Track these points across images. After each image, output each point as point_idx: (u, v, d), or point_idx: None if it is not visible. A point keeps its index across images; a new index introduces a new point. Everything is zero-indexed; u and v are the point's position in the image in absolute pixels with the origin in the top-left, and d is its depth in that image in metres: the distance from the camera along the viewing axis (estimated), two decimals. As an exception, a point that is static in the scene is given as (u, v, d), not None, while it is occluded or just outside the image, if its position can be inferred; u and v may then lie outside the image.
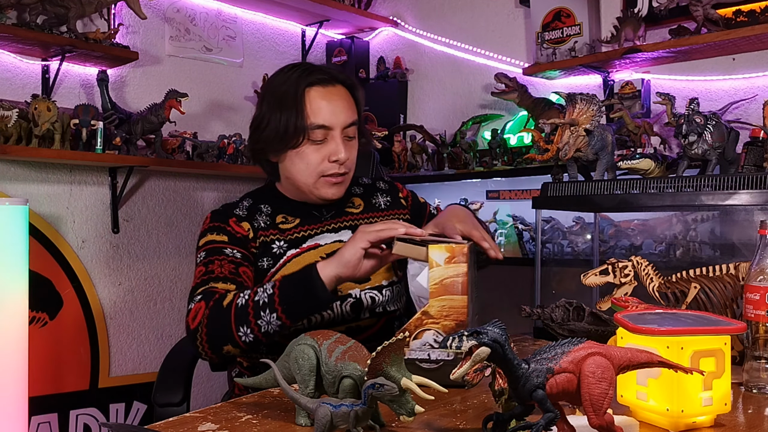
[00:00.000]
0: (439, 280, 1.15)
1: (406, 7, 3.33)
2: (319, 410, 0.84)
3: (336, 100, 1.52)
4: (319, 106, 1.50)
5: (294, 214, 1.59)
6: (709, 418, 0.96)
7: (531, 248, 2.75)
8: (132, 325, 2.75)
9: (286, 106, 1.50)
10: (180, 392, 1.59)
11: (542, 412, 0.78)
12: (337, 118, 1.51)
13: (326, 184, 1.54)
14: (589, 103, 1.72)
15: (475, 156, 2.86)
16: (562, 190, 1.78)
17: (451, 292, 1.15)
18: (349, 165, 1.55)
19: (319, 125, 1.49)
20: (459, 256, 1.16)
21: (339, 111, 1.51)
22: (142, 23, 2.75)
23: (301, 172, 1.53)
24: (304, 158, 1.51)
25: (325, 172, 1.52)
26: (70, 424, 2.53)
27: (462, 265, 1.15)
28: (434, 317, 1.15)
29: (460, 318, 1.14)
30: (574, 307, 1.57)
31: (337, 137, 1.51)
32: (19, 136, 2.27)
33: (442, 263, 1.16)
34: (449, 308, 1.15)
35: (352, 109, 1.55)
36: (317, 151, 1.51)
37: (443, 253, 1.16)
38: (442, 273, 1.15)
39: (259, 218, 1.57)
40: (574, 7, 2.65)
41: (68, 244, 2.57)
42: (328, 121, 1.50)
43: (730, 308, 1.34)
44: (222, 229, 1.53)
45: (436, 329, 1.15)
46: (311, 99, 1.50)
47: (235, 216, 1.56)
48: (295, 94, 1.50)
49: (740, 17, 2.27)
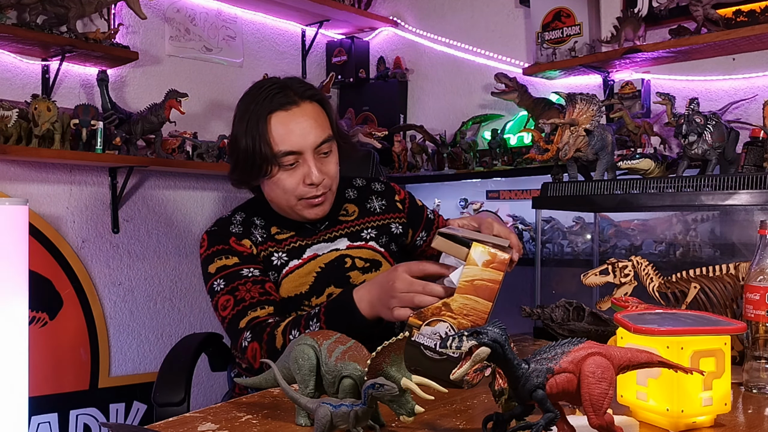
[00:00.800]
0: (471, 279, 1.14)
1: (406, 7, 3.33)
2: (319, 410, 0.84)
3: (302, 122, 1.47)
4: (284, 131, 1.46)
5: (287, 228, 1.58)
6: (709, 418, 0.96)
7: (531, 248, 2.75)
8: (132, 325, 2.75)
9: (252, 137, 1.46)
10: (180, 392, 1.59)
11: (542, 412, 0.78)
12: (305, 141, 1.46)
13: (307, 206, 1.52)
14: (589, 103, 1.72)
15: (475, 156, 2.86)
16: (562, 190, 1.78)
17: (479, 294, 1.13)
18: (327, 183, 1.51)
19: (287, 152, 1.46)
20: (498, 264, 1.14)
21: (306, 132, 1.47)
22: (142, 23, 2.75)
23: (279, 198, 1.52)
24: (279, 185, 1.49)
25: (303, 196, 1.49)
26: (70, 424, 2.53)
27: (499, 273, 1.13)
28: (454, 312, 1.14)
29: (478, 321, 1.13)
30: (574, 307, 1.57)
31: (309, 159, 1.47)
32: (19, 136, 2.27)
33: (480, 264, 1.14)
34: (471, 308, 1.13)
35: (321, 125, 1.50)
36: (291, 176, 1.48)
37: (485, 255, 1.14)
38: (476, 273, 1.14)
39: (255, 232, 1.56)
40: (574, 7, 2.65)
41: (68, 244, 2.57)
42: (296, 145, 1.46)
43: (730, 308, 1.34)
44: (228, 251, 1.52)
45: (451, 323, 1.14)
46: (274, 126, 1.46)
47: (234, 235, 1.54)
48: (257, 121, 1.46)
49: (740, 17, 2.27)
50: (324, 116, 1.52)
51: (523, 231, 2.80)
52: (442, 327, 1.14)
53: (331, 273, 1.54)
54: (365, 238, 1.61)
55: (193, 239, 2.93)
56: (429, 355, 1.13)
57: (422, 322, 1.14)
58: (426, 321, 1.14)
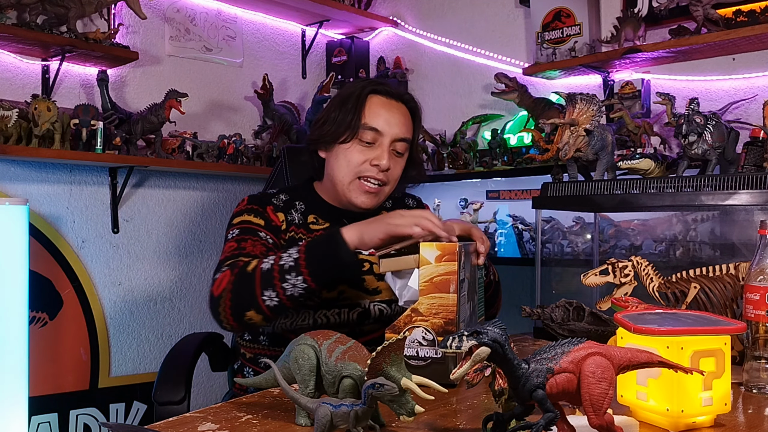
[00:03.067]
0: (430, 277, 1.16)
1: (406, 7, 3.33)
2: (319, 410, 0.84)
3: (394, 113, 1.58)
4: (377, 111, 1.56)
5: (324, 218, 1.62)
6: (709, 418, 0.96)
7: (531, 248, 2.75)
8: (132, 325, 2.75)
9: (347, 106, 1.57)
10: (181, 390, 1.59)
11: (542, 412, 0.78)
12: (390, 128, 1.56)
13: (359, 189, 1.57)
14: (589, 103, 1.72)
15: (475, 156, 2.86)
16: (562, 190, 1.78)
17: (441, 290, 1.16)
18: (389, 177, 1.58)
19: (371, 127, 1.55)
20: (449, 255, 1.16)
21: (394, 122, 1.56)
22: (142, 23, 2.75)
23: (341, 169, 1.57)
24: (348, 156, 1.56)
25: (363, 173, 1.55)
26: (70, 424, 2.53)
27: (452, 263, 1.16)
28: (423, 315, 1.16)
29: (449, 316, 1.15)
30: (574, 307, 1.57)
31: (385, 145, 1.55)
32: (19, 136, 2.27)
33: (433, 261, 1.16)
34: (439, 306, 1.16)
35: (407, 127, 1.60)
36: (362, 153, 1.56)
37: (434, 251, 1.17)
38: (432, 270, 1.16)
39: (294, 213, 1.60)
40: (574, 7, 2.65)
41: (68, 244, 2.58)
42: (381, 126, 1.55)
43: (730, 308, 1.34)
44: (260, 213, 1.57)
45: (425, 327, 1.16)
46: (371, 103, 1.57)
47: (273, 205, 1.60)
48: (358, 96, 1.58)
49: (740, 17, 2.27)
50: (411, 123, 1.63)
51: (523, 231, 2.80)
52: (418, 333, 1.16)
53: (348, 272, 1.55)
54: None
55: (193, 239, 2.93)
56: (415, 363, 1.15)
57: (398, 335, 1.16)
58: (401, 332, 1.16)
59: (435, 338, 1.15)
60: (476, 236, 1.39)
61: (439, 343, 1.13)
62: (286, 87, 3.27)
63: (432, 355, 1.15)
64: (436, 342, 1.15)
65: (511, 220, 2.85)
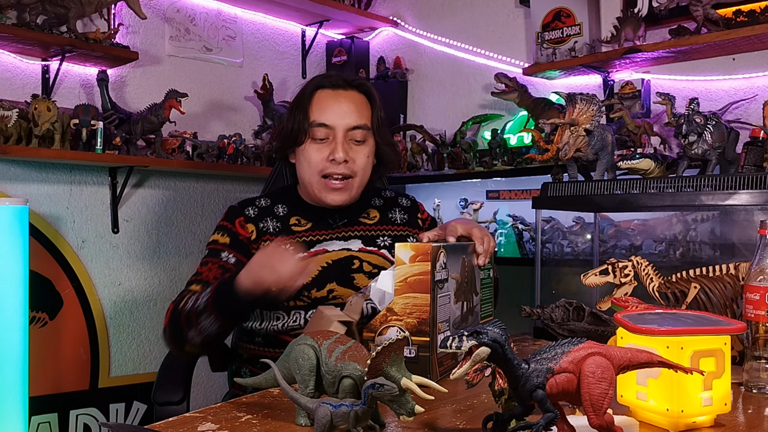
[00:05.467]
0: (404, 277, 1.18)
1: (406, 7, 3.33)
2: (319, 410, 0.84)
3: (342, 103, 1.56)
4: (323, 105, 1.55)
5: (307, 218, 1.61)
6: (709, 418, 0.96)
7: (531, 248, 2.75)
8: (132, 325, 2.75)
9: (298, 108, 1.57)
10: (180, 391, 1.59)
11: (542, 412, 0.78)
12: (340, 119, 1.54)
13: (327, 188, 1.56)
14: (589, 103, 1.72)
15: (475, 156, 2.86)
16: (562, 190, 1.78)
17: (414, 289, 1.17)
18: (353, 168, 1.56)
19: (319, 123, 1.54)
20: (423, 255, 1.17)
21: (344, 113, 1.55)
22: (142, 23, 2.75)
23: (305, 171, 1.57)
24: (307, 156, 1.56)
25: (325, 171, 1.54)
26: (70, 424, 2.53)
27: (426, 263, 1.17)
28: (398, 314, 1.18)
29: (422, 316, 1.16)
30: (574, 307, 1.57)
31: (339, 137, 1.54)
32: (19, 136, 2.27)
33: (407, 261, 1.17)
34: (413, 306, 1.17)
35: (360, 113, 1.57)
36: (318, 151, 1.55)
37: (408, 251, 1.18)
38: (406, 271, 1.18)
39: (269, 222, 1.59)
40: (574, 7, 2.65)
41: (68, 244, 2.58)
42: (330, 120, 1.54)
43: (730, 308, 1.34)
44: (227, 229, 1.57)
45: (399, 326, 1.17)
46: (317, 99, 1.56)
47: (244, 216, 1.59)
48: (303, 94, 1.58)
49: (740, 17, 2.27)
50: (367, 108, 1.60)
51: (523, 231, 2.80)
52: (393, 332, 1.17)
53: (337, 270, 1.56)
54: (379, 245, 1.63)
55: (193, 239, 2.93)
56: None
57: (374, 334, 1.19)
58: (377, 331, 1.18)
59: (408, 338, 1.15)
60: (476, 236, 1.39)
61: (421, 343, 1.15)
62: (286, 87, 3.27)
63: (406, 354, 1.15)
64: (410, 341, 1.16)
65: (511, 220, 2.85)
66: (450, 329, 1.23)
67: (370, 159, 1.60)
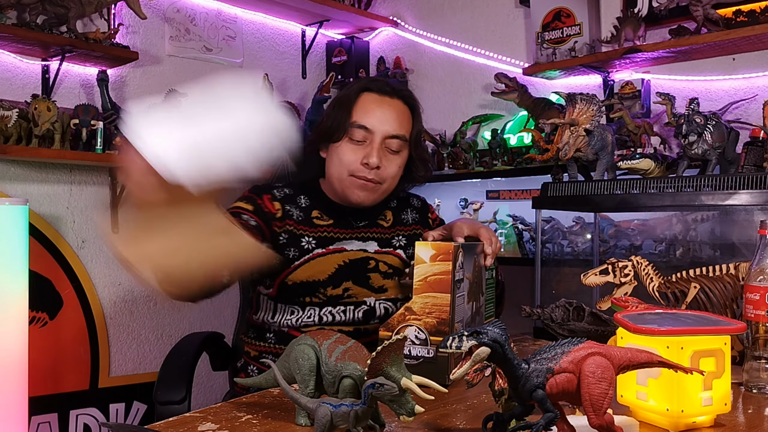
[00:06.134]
0: (424, 276, 1.17)
1: (406, 7, 3.33)
2: (319, 410, 0.84)
3: (386, 110, 1.56)
4: (368, 108, 1.56)
5: (329, 214, 1.61)
6: (709, 418, 0.96)
7: (531, 248, 2.75)
8: (132, 325, 2.75)
9: (341, 106, 1.57)
10: (181, 390, 1.58)
11: (542, 412, 0.78)
12: (380, 125, 1.54)
13: (354, 185, 1.56)
14: (589, 103, 1.73)
15: (475, 156, 2.86)
16: (562, 190, 1.78)
17: (435, 289, 1.16)
18: (383, 175, 1.56)
19: (360, 125, 1.54)
20: (444, 254, 1.16)
21: (385, 119, 1.55)
22: (142, 23, 2.75)
23: (335, 168, 1.57)
24: (340, 154, 1.56)
25: (354, 173, 1.55)
26: (70, 424, 2.53)
27: (447, 263, 1.16)
28: (417, 313, 1.16)
29: (442, 316, 1.15)
30: (574, 307, 1.57)
31: (375, 143, 1.54)
32: (19, 136, 2.27)
33: (428, 260, 1.17)
34: (432, 305, 1.16)
35: (402, 124, 1.58)
36: (353, 152, 1.55)
37: (429, 250, 1.17)
38: (427, 270, 1.17)
39: (294, 208, 1.59)
40: (574, 7, 2.65)
41: (68, 244, 2.57)
42: (370, 124, 1.54)
43: (730, 308, 1.34)
44: (251, 199, 1.57)
45: (417, 326, 1.16)
46: (363, 101, 1.56)
47: (271, 194, 1.60)
48: (349, 95, 1.58)
49: (740, 17, 2.27)
50: (408, 120, 1.60)
51: (523, 231, 2.80)
52: (411, 331, 1.16)
53: (353, 269, 1.56)
54: (395, 245, 1.64)
55: (193, 239, 2.92)
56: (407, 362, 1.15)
57: (391, 333, 1.17)
58: (395, 330, 1.17)
59: (428, 337, 1.15)
60: (484, 237, 1.39)
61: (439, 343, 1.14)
62: (286, 87, 3.27)
63: (424, 354, 1.15)
64: (429, 341, 1.15)
65: (511, 220, 2.85)
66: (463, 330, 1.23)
67: (401, 170, 1.61)
